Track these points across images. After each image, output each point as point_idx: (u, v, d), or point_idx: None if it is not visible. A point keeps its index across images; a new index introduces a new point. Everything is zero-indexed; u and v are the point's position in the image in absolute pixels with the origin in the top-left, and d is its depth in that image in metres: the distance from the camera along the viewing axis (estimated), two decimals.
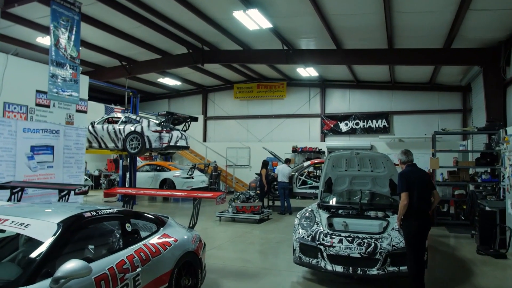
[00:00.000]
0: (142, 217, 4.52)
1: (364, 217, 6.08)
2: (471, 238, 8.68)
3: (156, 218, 4.71)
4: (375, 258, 5.14)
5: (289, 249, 7.14)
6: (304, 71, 16.36)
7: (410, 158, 5.15)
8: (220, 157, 19.76)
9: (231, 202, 11.16)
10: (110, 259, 3.53)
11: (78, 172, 9.97)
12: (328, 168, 6.45)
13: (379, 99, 18.62)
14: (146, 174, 16.14)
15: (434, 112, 17.72)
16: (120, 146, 12.08)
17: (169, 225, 4.77)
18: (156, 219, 4.69)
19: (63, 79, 8.15)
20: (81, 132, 9.92)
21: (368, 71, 16.73)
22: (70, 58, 8.30)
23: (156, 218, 4.71)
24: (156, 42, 13.98)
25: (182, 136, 12.39)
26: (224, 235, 9.34)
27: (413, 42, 11.96)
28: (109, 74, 16.06)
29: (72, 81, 8.40)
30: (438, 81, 16.85)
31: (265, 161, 13.08)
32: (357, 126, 18.77)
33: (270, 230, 9.81)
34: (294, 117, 19.93)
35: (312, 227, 5.77)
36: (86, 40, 13.33)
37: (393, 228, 5.47)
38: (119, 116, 12.71)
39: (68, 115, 9.98)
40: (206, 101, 21.85)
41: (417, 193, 4.91)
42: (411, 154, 5.22)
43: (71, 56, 8.29)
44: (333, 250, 5.31)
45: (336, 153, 6.32)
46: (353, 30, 11.56)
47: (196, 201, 5.30)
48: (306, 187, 13.32)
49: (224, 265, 6.54)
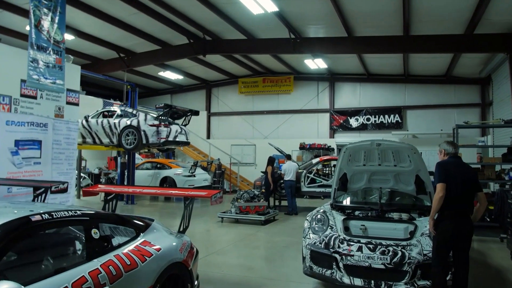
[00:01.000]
0: (117, 221, 3.67)
1: (386, 220, 5.18)
2: (501, 242, 7.83)
3: (135, 222, 3.86)
4: (402, 270, 4.25)
5: (298, 255, 6.27)
6: (312, 63, 15.43)
7: (457, 150, 4.28)
8: (224, 155, 18.94)
9: (234, 201, 10.31)
10: (65, 276, 2.68)
11: (69, 169, 9.16)
12: (343, 163, 5.53)
13: (391, 93, 17.66)
14: (146, 172, 15.38)
15: (450, 106, 16.71)
16: (115, 142, 11.28)
17: (152, 230, 3.92)
18: (136, 223, 3.84)
19: (46, 64, 7.33)
20: (72, 126, 9.11)
21: (380, 63, 15.78)
22: (54, 42, 7.47)
23: (135, 222, 3.86)
24: (155, 32, 13.18)
25: (181, 131, 11.55)
26: (226, 238, 8.49)
27: (431, 27, 10.99)
28: (107, 67, 15.28)
29: (56, 68, 7.58)
30: (455, 73, 15.83)
31: (271, 157, 12.19)
32: (368, 121, 17.82)
33: (276, 233, 8.94)
34: (302, 112, 19.03)
35: (325, 231, 4.89)
36: (80, 29, 12.58)
37: (422, 233, 4.57)
38: (115, 109, 11.90)
39: (57, 107, 9.18)
40: (209, 96, 21.03)
41: (457, 189, 4.03)
42: (458, 147, 4.35)
43: (54, 39, 7.46)
44: (351, 260, 4.43)
45: (353, 144, 5.40)
46: (366, 16, 10.64)
47: (188, 201, 4.44)
48: (314, 185, 12.42)
49: (223, 274, 5.68)
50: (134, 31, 12.72)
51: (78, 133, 11.91)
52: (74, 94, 9.45)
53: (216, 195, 4.47)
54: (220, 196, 4.59)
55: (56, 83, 7.65)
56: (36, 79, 7.21)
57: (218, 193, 4.54)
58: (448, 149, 4.28)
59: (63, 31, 7.75)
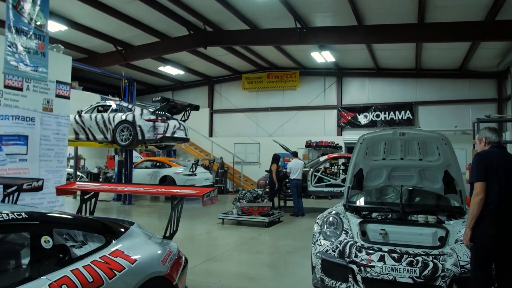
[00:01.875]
0: (79, 225, 2.94)
1: (410, 223, 4.42)
2: None
3: (107, 226, 3.13)
4: (435, 285, 3.49)
5: (305, 261, 5.54)
6: (319, 56, 14.65)
7: (500, 138, 3.50)
8: (227, 153, 18.21)
9: (235, 202, 9.57)
10: None
11: (59, 167, 8.48)
12: (359, 156, 4.74)
13: (402, 88, 16.81)
14: (145, 171, 14.72)
15: (465, 102, 15.84)
16: (109, 138, 10.60)
17: (128, 236, 3.19)
18: (107, 227, 3.11)
19: (26, 50, 6.63)
20: (62, 121, 8.44)
21: (391, 56, 14.98)
22: (36, 26, 6.78)
23: (107, 226, 3.13)
24: (153, 22, 12.47)
25: (180, 126, 10.83)
26: (226, 241, 7.75)
27: (448, 14, 10.18)
28: (103, 61, 14.58)
29: (38, 54, 6.88)
30: (471, 66, 14.98)
31: (275, 155, 11.43)
32: (377, 118, 17.00)
33: (281, 236, 8.19)
34: (308, 109, 18.24)
35: (339, 236, 4.14)
36: (73, 20, 11.91)
37: (457, 239, 3.81)
38: (109, 104, 11.21)
39: (45, 101, 8.47)
40: (212, 93, 20.30)
41: (500, 185, 3.27)
42: (500, 134, 3.56)
43: (36, 23, 6.77)
44: (372, 272, 3.68)
45: (372, 134, 4.60)
46: (378, 1, 9.86)
47: (176, 201, 3.72)
48: (322, 185, 11.64)
49: (220, 285, 4.94)
50: (131, 22, 12.02)
51: (70, 129, 11.30)
52: (65, 86, 8.74)
53: (209, 193, 3.71)
54: (214, 195, 3.84)
55: (38, 71, 6.94)
56: (15, 65, 6.51)
57: (212, 192, 3.78)
58: (490, 137, 3.50)
59: (46, 15, 7.04)
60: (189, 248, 7.19)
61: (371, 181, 5.01)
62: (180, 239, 8.09)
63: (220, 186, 17.26)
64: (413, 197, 4.91)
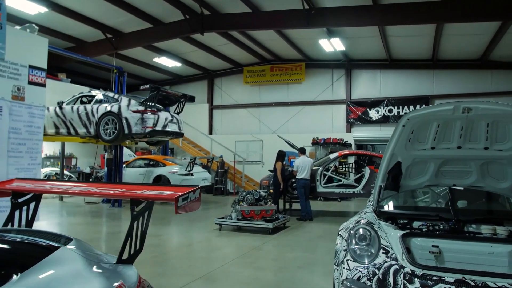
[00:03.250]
0: None
1: (472, 238, 3.16)
2: None
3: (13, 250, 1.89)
4: None
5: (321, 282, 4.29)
6: (327, 44, 13.39)
7: None
8: (228, 152, 16.97)
9: (235, 204, 8.31)
10: None
11: (32, 164, 7.31)
12: (400, 145, 3.39)
13: (417, 81, 15.55)
14: (138, 170, 13.56)
15: (486, 94, 14.54)
16: (92, 132, 9.40)
17: (47, 265, 1.92)
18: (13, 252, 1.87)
19: None
20: (36, 111, 7.24)
21: (406, 45, 13.74)
22: None
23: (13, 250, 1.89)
24: (144, 6, 11.28)
25: (173, 119, 9.61)
26: (222, 252, 6.49)
27: None
28: (92, 50, 13.39)
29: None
30: (494, 56, 13.68)
31: (280, 151, 10.17)
32: (390, 113, 15.72)
33: (288, 245, 6.93)
34: (315, 104, 16.98)
35: (376, 257, 2.89)
36: (58, 3, 10.70)
37: None
38: (93, 94, 10.00)
39: (15, 88, 7.27)
40: (212, 87, 19.08)
41: None
42: None
43: None
44: None
45: (420, 112, 3.27)
46: None
47: (138, 207, 2.49)
48: (332, 185, 10.37)
49: None
50: (120, 4, 10.85)
51: (50, 122, 10.09)
52: (39, 72, 7.52)
53: (186, 195, 2.44)
54: (195, 199, 2.56)
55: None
56: None
57: (191, 192, 2.50)
58: None
59: None
60: (175, 261, 5.91)
61: (412, 178, 3.71)
62: (163, 248, 6.86)
63: (220, 187, 16.06)
64: (470, 200, 3.64)
